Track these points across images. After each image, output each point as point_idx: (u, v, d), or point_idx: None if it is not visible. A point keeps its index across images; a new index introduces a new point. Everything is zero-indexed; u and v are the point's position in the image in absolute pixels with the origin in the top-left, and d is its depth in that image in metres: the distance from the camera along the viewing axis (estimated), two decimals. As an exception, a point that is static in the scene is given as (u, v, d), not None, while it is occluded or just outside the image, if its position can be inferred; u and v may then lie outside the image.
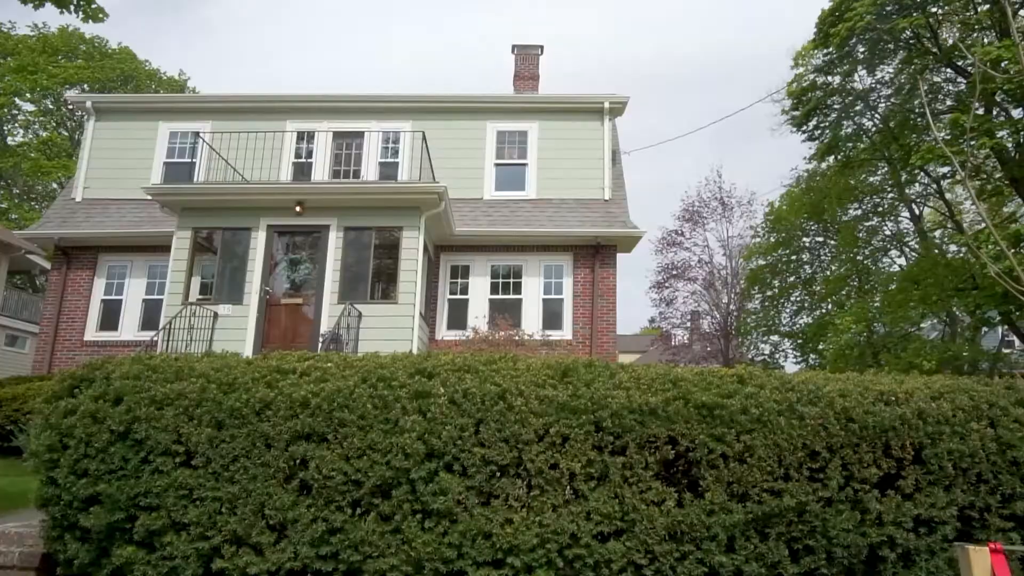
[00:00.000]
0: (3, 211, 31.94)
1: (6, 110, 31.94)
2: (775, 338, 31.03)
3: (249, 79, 73.85)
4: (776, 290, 31.16)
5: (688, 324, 34.59)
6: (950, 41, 21.77)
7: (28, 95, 32.14)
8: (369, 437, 3.74)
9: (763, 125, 61.39)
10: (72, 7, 9.73)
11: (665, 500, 3.77)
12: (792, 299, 31.32)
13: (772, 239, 31.27)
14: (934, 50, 21.32)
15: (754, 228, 32.27)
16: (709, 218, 33.32)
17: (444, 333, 14.81)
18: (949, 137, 20.97)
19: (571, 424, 3.79)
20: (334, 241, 12.93)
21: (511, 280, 15.39)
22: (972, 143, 19.12)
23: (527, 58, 19.73)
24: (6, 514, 6.64)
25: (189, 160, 15.96)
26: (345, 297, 12.68)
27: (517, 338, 12.79)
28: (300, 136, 16.21)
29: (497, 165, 16.18)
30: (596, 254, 15.19)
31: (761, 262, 31.24)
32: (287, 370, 4.02)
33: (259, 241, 12.89)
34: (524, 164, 16.19)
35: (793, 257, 30.92)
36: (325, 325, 12.53)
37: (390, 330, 12.42)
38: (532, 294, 15.25)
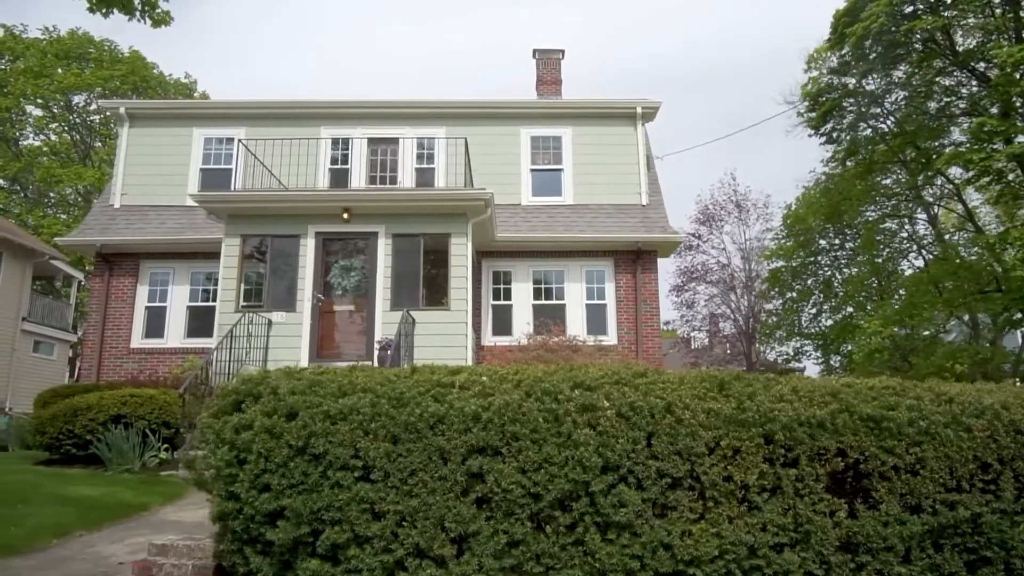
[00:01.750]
0: (16, 216, 31.91)
1: (14, 114, 31.88)
2: (796, 343, 31.12)
3: (249, 80, 73.88)
4: (796, 293, 31.25)
5: (708, 327, 34.75)
6: (964, 44, 21.92)
7: (39, 100, 32.10)
8: (544, 450, 3.80)
9: (770, 126, 61.61)
10: (139, 13, 9.78)
11: (836, 511, 3.84)
12: (811, 301, 31.41)
13: (789, 243, 31.38)
14: (949, 55, 21.46)
15: (773, 230, 32.39)
16: (725, 221, 33.48)
17: (490, 339, 14.88)
18: (970, 141, 21.13)
19: (741, 437, 3.86)
20: (383, 248, 12.99)
21: (553, 286, 15.47)
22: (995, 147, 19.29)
23: (549, 63, 19.87)
24: (112, 525, 6.70)
25: (225, 166, 16.01)
26: (397, 304, 12.73)
27: (574, 344, 12.83)
28: (335, 142, 16.27)
29: (533, 171, 16.27)
30: (637, 259, 15.27)
31: (780, 264, 31.34)
32: (447, 383, 4.07)
33: (308, 248, 12.95)
34: (560, 169, 16.28)
35: (810, 260, 31.02)
36: (379, 332, 12.59)
37: (443, 336, 12.49)
38: (575, 299, 15.35)
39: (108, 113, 33.14)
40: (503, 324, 15.22)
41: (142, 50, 34.16)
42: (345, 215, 12.93)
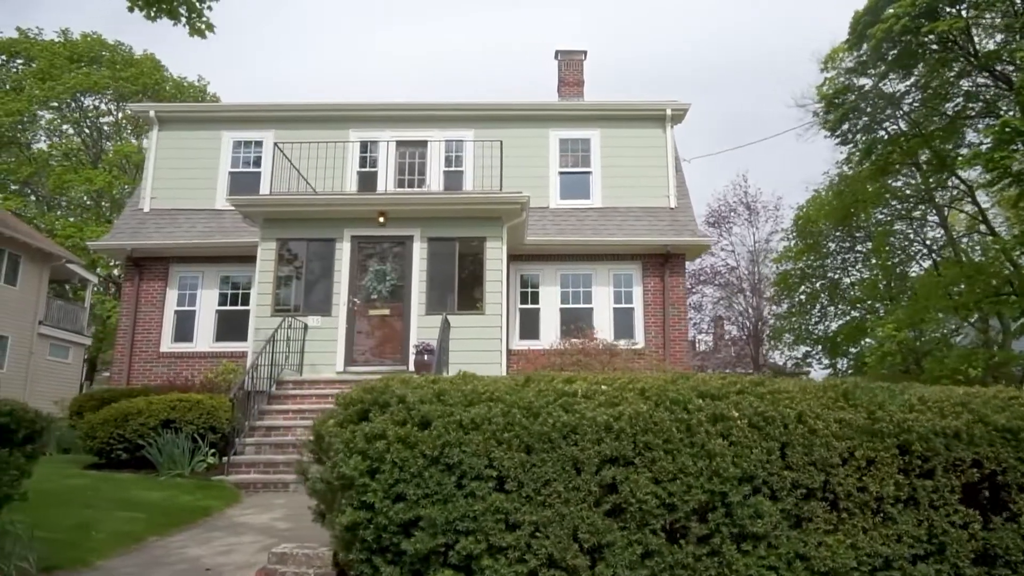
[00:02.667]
0: (28, 219, 31.82)
1: (25, 117, 31.77)
2: (805, 346, 31.21)
3: (250, 80, 73.77)
4: (804, 296, 31.33)
5: (713, 330, 34.78)
6: (982, 46, 21.97)
7: (53, 104, 32.00)
8: (679, 461, 3.79)
9: (775, 127, 61.75)
10: (183, 20, 9.76)
11: (970, 523, 3.84)
12: (819, 303, 31.49)
13: (798, 245, 31.45)
14: (972, 56, 21.50)
15: (782, 232, 32.45)
16: (735, 222, 33.53)
17: (517, 342, 14.86)
18: (992, 142, 21.16)
19: (875, 447, 3.86)
20: (418, 252, 12.97)
21: (580, 289, 15.46)
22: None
23: (571, 64, 19.83)
24: (185, 528, 6.67)
25: (254, 169, 15.98)
26: (432, 308, 12.73)
27: (612, 348, 12.83)
28: (363, 145, 16.26)
29: (561, 173, 16.26)
30: (666, 263, 15.27)
31: (789, 266, 31.41)
32: (569, 393, 4.07)
33: (344, 252, 12.93)
34: (588, 172, 16.28)
35: (817, 263, 31.09)
36: (415, 336, 12.57)
37: (478, 340, 12.48)
38: (602, 303, 15.33)
39: (122, 116, 33.23)
40: (530, 328, 15.21)
41: (141, 51, 34.07)
42: (381, 219, 12.92)
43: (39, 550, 5.01)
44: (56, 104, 32.01)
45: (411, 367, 12.35)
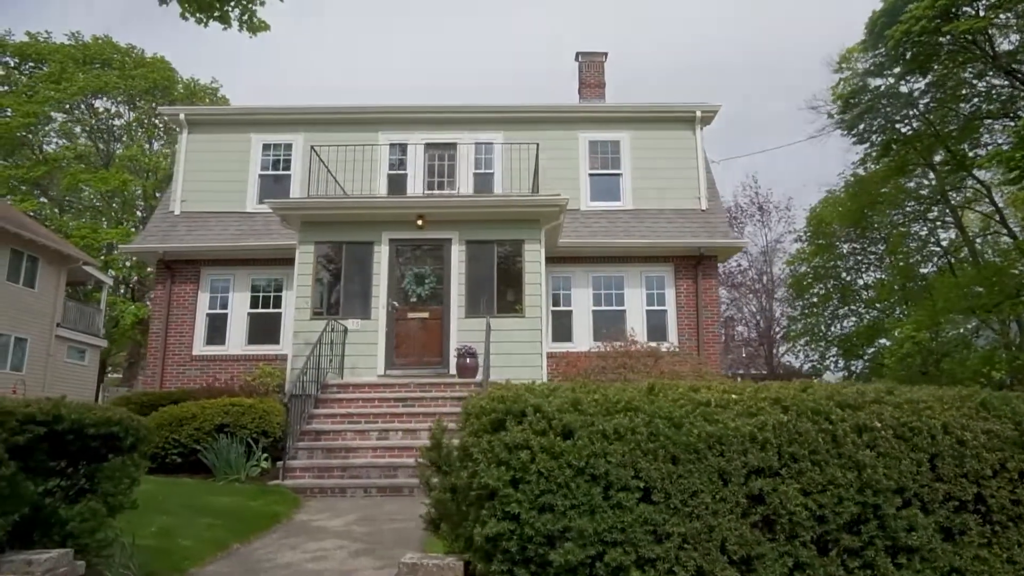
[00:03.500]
0: (40, 220, 31.70)
1: (40, 119, 31.66)
2: (820, 348, 31.22)
3: (250, 80, 73.65)
4: (817, 297, 31.36)
5: (724, 331, 34.70)
6: (999, 45, 21.98)
7: (66, 105, 31.91)
8: (828, 472, 3.76)
9: (782, 128, 61.65)
10: (237, 23, 9.71)
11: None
12: (831, 304, 31.52)
13: (811, 247, 31.50)
14: (990, 56, 21.52)
15: (796, 232, 32.48)
16: (746, 223, 33.54)
17: (550, 345, 14.76)
18: (1014, 140, 21.18)
19: (1027, 459, 3.85)
20: (456, 255, 12.94)
21: (613, 291, 15.44)
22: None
23: (592, 65, 19.75)
24: (264, 534, 6.62)
25: (284, 172, 15.94)
26: (472, 311, 12.70)
27: (656, 351, 12.80)
28: (392, 148, 16.22)
29: (591, 175, 16.24)
30: (698, 264, 15.27)
31: (804, 268, 31.45)
32: (703, 402, 4.04)
33: (382, 255, 12.90)
34: (618, 174, 16.27)
35: (830, 264, 31.14)
36: (455, 339, 12.54)
37: (518, 343, 12.45)
38: (635, 306, 15.33)
39: (133, 118, 33.14)
40: (563, 330, 15.19)
41: (148, 52, 34.02)
42: (419, 222, 12.89)
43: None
44: (67, 106, 31.91)
45: (452, 370, 12.34)
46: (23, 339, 21.67)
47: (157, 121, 33.60)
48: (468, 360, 12.08)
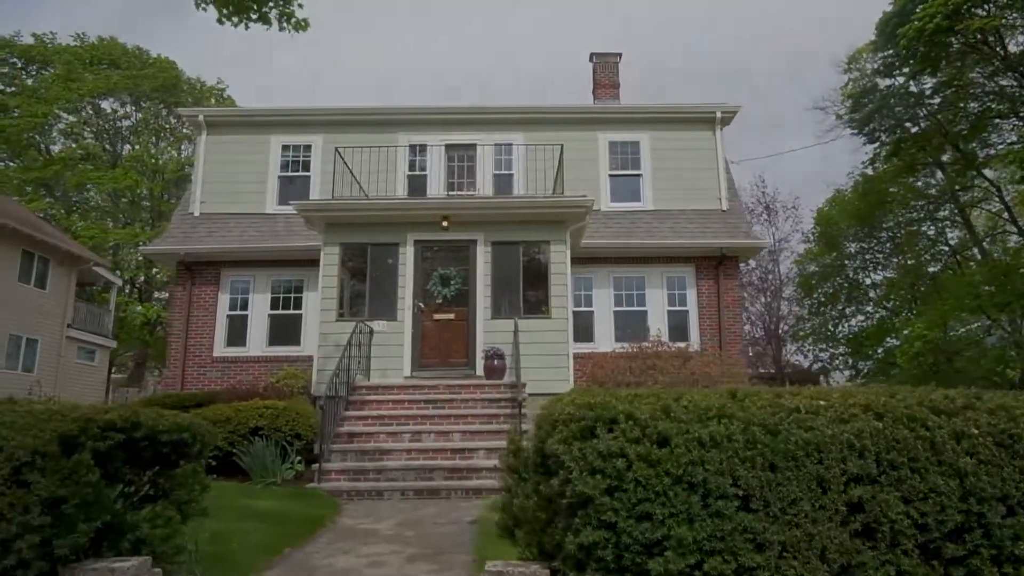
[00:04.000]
0: (48, 221, 31.59)
1: (49, 119, 31.54)
2: (828, 348, 31.23)
3: (250, 80, 73.51)
4: (824, 296, 31.36)
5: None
6: (1008, 43, 21.97)
7: (71, 104, 31.78)
8: (929, 480, 3.72)
9: (788, 128, 61.55)
10: (277, 22, 9.67)
11: None
12: (839, 303, 31.51)
13: (817, 247, 31.51)
14: (1000, 56, 21.51)
15: (803, 232, 32.49)
16: (755, 223, 33.48)
17: (572, 346, 14.71)
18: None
19: None
20: (482, 256, 12.89)
21: (634, 292, 15.39)
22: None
23: (606, 66, 19.65)
24: (312, 538, 6.55)
25: (303, 173, 15.87)
26: (498, 312, 12.65)
27: (685, 352, 12.76)
28: (412, 149, 16.16)
29: (612, 176, 16.19)
30: (719, 265, 15.23)
31: (812, 267, 31.46)
32: (793, 408, 3.99)
33: (408, 256, 12.84)
34: (639, 175, 16.21)
35: (837, 263, 31.12)
36: (481, 340, 12.49)
37: (545, 344, 12.40)
38: (656, 306, 15.27)
39: (140, 117, 33.03)
40: (584, 331, 15.09)
41: (150, 52, 33.95)
42: (444, 223, 12.83)
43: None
44: (75, 107, 31.81)
45: (479, 371, 12.29)
46: (34, 340, 21.58)
47: (164, 123, 33.51)
48: (496, 362, 12.03)
